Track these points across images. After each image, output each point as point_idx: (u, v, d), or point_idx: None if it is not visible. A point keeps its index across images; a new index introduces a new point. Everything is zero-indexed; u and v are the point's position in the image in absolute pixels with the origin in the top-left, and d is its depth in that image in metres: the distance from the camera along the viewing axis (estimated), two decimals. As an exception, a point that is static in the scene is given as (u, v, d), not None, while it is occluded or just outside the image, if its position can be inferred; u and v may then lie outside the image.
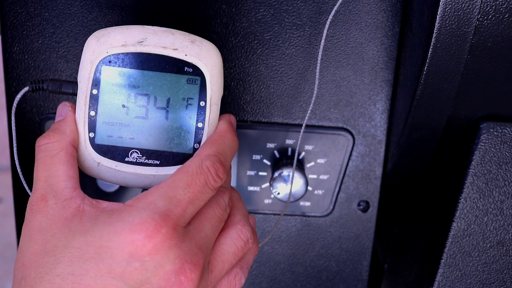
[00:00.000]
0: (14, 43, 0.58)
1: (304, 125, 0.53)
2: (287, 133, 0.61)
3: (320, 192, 0.63)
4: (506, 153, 0.56)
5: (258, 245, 0.49)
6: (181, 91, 0.47)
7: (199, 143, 0.48)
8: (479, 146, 0.56)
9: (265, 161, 0.62)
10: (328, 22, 0.48)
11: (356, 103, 0.61)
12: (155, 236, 0.40)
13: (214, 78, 0.48)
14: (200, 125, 0.48)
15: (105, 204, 0.43)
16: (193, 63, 0.47)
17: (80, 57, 0.58)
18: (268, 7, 0.58)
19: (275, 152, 0.62)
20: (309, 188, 0.63)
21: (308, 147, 0.62)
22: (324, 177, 0.63)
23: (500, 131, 0.56)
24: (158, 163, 0.48)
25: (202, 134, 0.48)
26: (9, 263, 1.59)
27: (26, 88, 0.48)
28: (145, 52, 0.47)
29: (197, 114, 0.48)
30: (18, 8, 0.57)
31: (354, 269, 0.66)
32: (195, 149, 0.48)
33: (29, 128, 0.60)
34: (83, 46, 0.58)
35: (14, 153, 0.50)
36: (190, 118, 0.48)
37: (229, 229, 0.46)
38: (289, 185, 0.59)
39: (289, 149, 0.61)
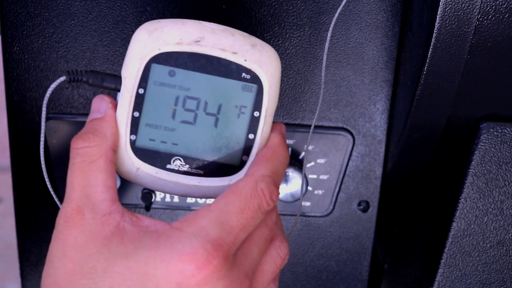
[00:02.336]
0: (14, 43, 0.58)
1: (312, 126, 0.51)
2: (287, 133, 0.61)
3: (320, 192, 0.63)
4: (506, 153, 0.56)
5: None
6: (235, 98, 0.44)
7: (248, 155, 0.45)
8: (479, 146, 0.56)
9: (265, 161, 0.62)
10: (332, 25, 0.48)
11: (356, 103, 0.61)
12: (206, 267, 0.37)
13: (272, 88, 0.44)
14: (251, 136, 0.45)
15: (147, 221, 0.40)
16: (252, 69, 0.43)
17: (79, 57, 0.59)
18: (268, 7, 0.58)
19: (275, 152, 0.61)
20: (309, 188, 0.63)
21: (308, 147, 0.62)
22: (324, 177, 0.63)
23: (500, 131, 0.56)
24: (202, 173, 0.45)
25: (253, 146, 0.45)
26: (9, 263, 1.59)
27: (62, 78, 0.43)
28: (202, 53, 0.43)
29: (249, 125, 0.44)
30: (18, 8, 0.57)
31: (354, 269, 0.66)
32: (242, 161, 0.45)
33: (29, 128, 0.60)
34: (84, 46, 0.58)
35: (41, 154, 0.45)
36: (241, 128, 0.44)
37: (268, 246, 0.44)
38: (289, 185, 0.59)
39: (289, 149, 0.61)
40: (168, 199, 0.62)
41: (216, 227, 0.39)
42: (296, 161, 0.61)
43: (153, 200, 0.62)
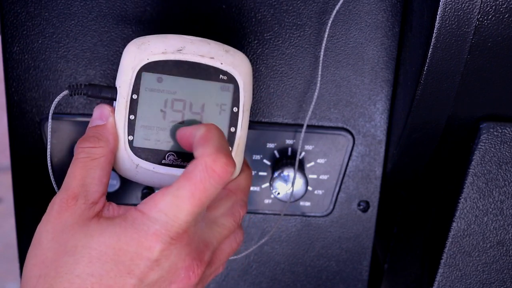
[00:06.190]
0: (14, 43, 0.58)
1: (305, 125, 0.54)
2: (287, 133, 0.61)
3: (320, 192, 0.63)
4: (506, 153, 0.56)
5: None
6: (216, 98, 0.50)
7: (232, 146, 0.50)
8: (479, 146, 0.56)
9: (265, 161, 0.62)
10: (329, 23, 0.48)
11: (356, 103, 0.61)
12: (169, 244, 0.43)
13: (246, 86, 0.50)
14: (232, 129, 0.50)
15: (122, 208, 0.46)
16: (228, 71, 0.50)
17: (79, 57, 0.59)
18: (268, 7, 0.58)
19: (275, 152, 0.62)
20: (309, 188, 0.63)
21: (308, 147, 0.62)
22: (324, 177, 0.63)
23: (500, 131, 0.56)
24: None
25: (235, 138, 0.50)
26: (9, 263, 1.59)
27: (65, 92, 0.49)
28: (184, 60, 0.49)
29: (230, 119, 0.50)
30: (18, 8, 0.57)
31: (354, 269, 0.66)
32: None
33: (29, 128, 0.60)
34: (84, 46, 0.58)
35: (48, 154, 0.51)
36: (223, 123, 0.50)
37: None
38: (289, 185, 0.59)
39: (289, 149, 0.61)
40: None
41: (172, 209, 0.44)
42: (295, 161, 0.61)
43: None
